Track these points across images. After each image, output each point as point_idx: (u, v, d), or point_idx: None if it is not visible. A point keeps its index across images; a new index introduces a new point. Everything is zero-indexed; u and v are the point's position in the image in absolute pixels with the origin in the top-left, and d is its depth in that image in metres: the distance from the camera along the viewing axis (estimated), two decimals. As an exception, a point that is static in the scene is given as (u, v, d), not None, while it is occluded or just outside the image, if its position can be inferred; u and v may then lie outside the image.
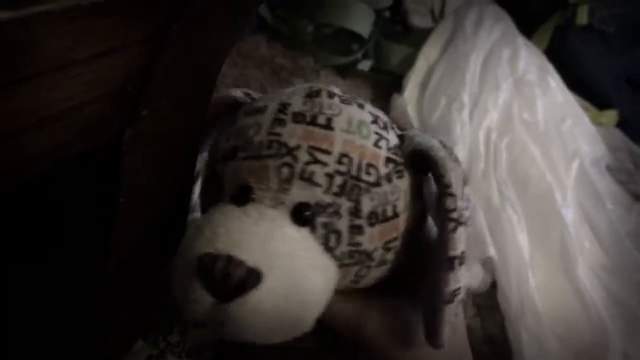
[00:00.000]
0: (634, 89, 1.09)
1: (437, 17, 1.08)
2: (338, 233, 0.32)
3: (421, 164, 0.33)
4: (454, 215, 0.32)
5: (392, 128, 0.35)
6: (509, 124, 0.86)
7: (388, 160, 0.33)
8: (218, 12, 0.27)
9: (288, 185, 0.31)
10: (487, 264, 0.74)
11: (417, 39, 1.01)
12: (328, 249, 0.32)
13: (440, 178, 0.32)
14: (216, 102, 0.37)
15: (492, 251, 0.72)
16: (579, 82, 1.02)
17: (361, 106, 0.34)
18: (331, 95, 0.34)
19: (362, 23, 0.96)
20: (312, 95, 0.34)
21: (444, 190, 0.32)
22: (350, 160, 0.31)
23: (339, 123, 0.32)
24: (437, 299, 0.32)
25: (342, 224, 0.31)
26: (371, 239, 0.32)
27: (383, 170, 0.32)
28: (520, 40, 0.98)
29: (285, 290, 0.29)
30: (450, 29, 0.99)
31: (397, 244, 0.33)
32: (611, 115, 1.04)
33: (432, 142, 0.33)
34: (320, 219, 0.31)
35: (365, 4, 0.96)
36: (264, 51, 0.96)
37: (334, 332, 0.37)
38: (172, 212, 0.38)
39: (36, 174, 0.24)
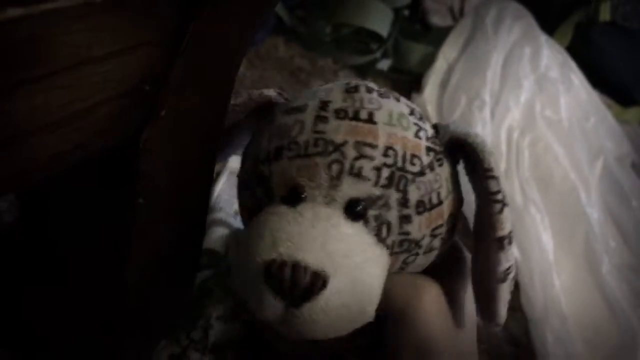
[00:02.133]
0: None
1: (457, 16, 1.07)
2: (388, 224, 0.32)
3: (457, 152, 0.35)
4: (499, 196, 0.33)
5: (427, 120, 0.36)
6: (532, 122, 0.84)
7: (428, 149, 0.34)
8: (236, 11, 0.26)
9: (338, 181, 0.32)
10: (510, 264, 0.73)
11: (436, 37, 1.01)
12: (380, 239, 0.33)
13: (481, 162, 0.33)
14: (249, 101, 0.38)
15: (515, 251, 0.71)
16: (602, 79, 1.00)
17: (397, 99, 0.36)
18: (369, 90, 0.35)
19: (380, 22, 0.96)
20: (351, 91, 0.35)
21: (486, 173, 0.33)
22: (395, 152, 0.32)
23: (380, 117, 0.33)
24: (490, 280, 0.33)
25: (392, 215, 0.32)
26: (419, 227, 0.33)
27: (425, 159, 0.33)
28: (542, 37, 0.97)
29: (349, 287, 0.31)
30: (470, 28, 0.98)
31: (442, 230, 0.34)
32: (635, 112, 1.02)
33: (468, 130, 0.34)
34: (372, 212, 0.32)
35: (384, 3, 0.95)
36: (282, 53, 0.97)
37: (361, 333, 0.37)
38: (191, 213, 0.38)
39: (54, 175, 0.24)
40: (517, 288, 0.72)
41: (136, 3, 0.20)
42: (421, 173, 0.33)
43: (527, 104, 0.86)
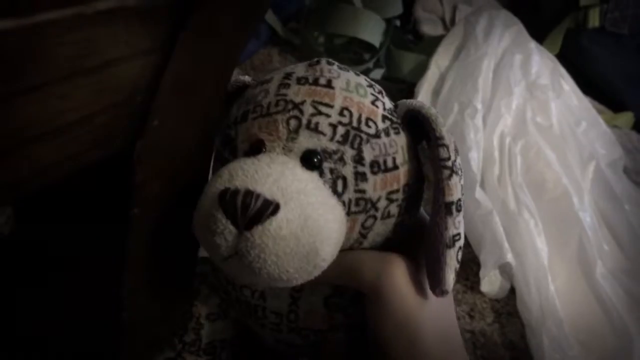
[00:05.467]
0: (649, 90, 1.08)
1: (448, 25, 1.08)
2: (344, 179, 0.34)
3: (416, 130, 0.37)
4: (448, 163, 0.35)
5: (387, 97, 0.39)
6: (523, 129, 0.85)
7: (384, 117, 0.36)
8: (225, 20, 0.27)
9: (296, 135, 0.34)
10: (506, 269, 0.73)
11: (428, 46, 1.02)
12: (336, 193, 0.34)
13: (432, 132, 0.35)
14: (227, 86, 0.40)
15: (510, 257, 0.71)
16: (592, 85, 1.01)
17: (357, 74, 0.38)
18: (330, 63, 0.38)
19: (373, 32, 0.97)
20: (313, 64, 0.38)
21: (437, 141, 0.35)
22: (351, 113, 0.35)
23: (338, 83, 0.36)
24: (438, 244, 0.35)
25: (347, 170, 0.34)
26: (374, 187, 0.35)
27: (381, 125, 0.35)
28: (532, 45, 0.98)
29: (300, 220, 0.31)
30: (461, 36, 0.99)
31: (398, 196, 0.36)
32: (626, 117, 1.03)
33: (423, 103, 0.36)
34: (327, 164, 0.34)
35: (376, 13, 0.96)
36: (276, 63, 0.97)
37: (345, 311, 0.39)
38: (187, 222, 0.38)
39: (49, 185, 0.24)
40: (513, 293, 0.73)
41: (126, 15, 0.20)
42: (376, 135, 0.35)
43: (518, 111, 0.87)
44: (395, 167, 0.35)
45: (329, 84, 0.36)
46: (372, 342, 0.37)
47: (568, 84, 0.94)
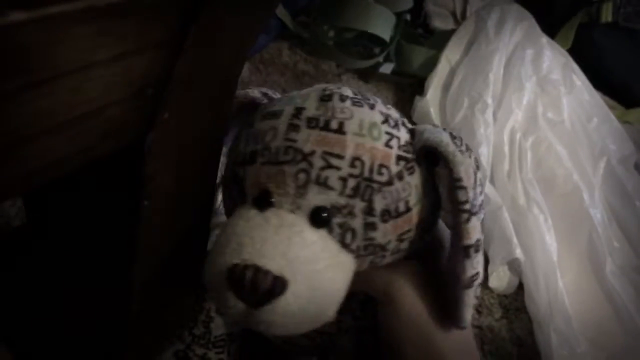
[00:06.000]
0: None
1: (459, 19, 1.08)
2: (353, 230, 0.33)
3: (433, 156, 0.35)
4: (466, 206, 0.33)
5: (404, 124, 0.37)
6: (534, 124, 0.85)
7: (399, 158, 0.34)
8: (236, 13, 0.27)
9: (304, 190, 0.33)
10: (514, 265, 0.73)
11: (438, 41, 1.01)
12: (344, 245, 0.34)
13: (450, 172, 0.34)
14: (234, 100, 0.39)
15: (518, 252, 0.71)
16: (604, 81, 1.00)
17: (372, 107, 0.36)
18: (343, 98, 0.35)
19: (383, 26, 0.96)
20: (325, 99, 0.35)
21: (455, 183, 0.33)
22: (362, 162, 0.33)
23: (350, 126, 0.34)
24: (456, 285, 0.34)
25: (357, 223, 0.33)
26: (385, 233, 0.34)
27: (394, 169, 0.34)
28: (544, 39, 0.97)
29: (308, 292, 0.32)
30: (472, 30, 0.98)
31: (410, 234, 0.35)
32: (638, 113, 1.02)
33: (441, 137, 0.34)
34: (336, 220, 0.33)
35: (386, 7, 0.96)
36: (286, 57, 0.97)
37: (354, 314, 0.39)
38: (196, 214, 0.38)
39: (60, 178, 0.24)
40: (521, 289, 0.73)
41: (137, 7, 0.20)
42: (388, 183, 0.33)
43: (529, 106, 0.87)
44: (408, 210, 0.34)
45: (340, 129, 0.34)
46: (385, 345, 0.37)
47: (580, 79, 0.94)
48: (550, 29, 1.03)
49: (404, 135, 0.36)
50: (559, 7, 1.09)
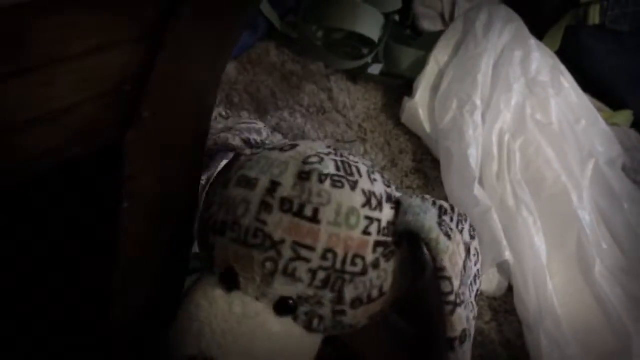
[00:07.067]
0: (648, 89, 1.07)
1: (447, 20, 1.07)
2: (320, 317, 0.33)
3: (416, 238, 0.33)
4: (451, 298, 0.32)
5: (389, 200, 0.35)
6: (523, 125, 0.85)
7: (377, 244, 0.33)
8: (218, 7, 0.26)
9: (271, 279, 0.32)
10: (503, 267, 0.73)
11: (427, 42, 1.01)
12: (311, 330, 0.33)
13: (433, 261, 0.32)
14: (214, 146, 0.38)
15: (508, 254, 0.71)
16: (592, 83, 1.01)
17: (354, 186, 0.33)
18: (322, 178, 0.33)
19: (371, 27, 0.96)
20: (303, 177, 0.33)
21: (438, 273, 0.32)
22: (335, 255, 0.32)
23: (325, 215, 0.32)
24: None
25: (325, 311, 0.33)
26: (354, 317, 0.33)
27: (370, 257, 0.33)
28: (532, 41, 0.97)
29: None
30: (460, 32, 0.98)
31: (383, 314, 0.34)
32: (626, 116, 1.02)
33: (424, 222, 0.32)
34: (303, 309, 0.32)
35: (375, 8, 0.95)
36: (274, 57, 0.96)
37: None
38: (179, 216, 0.37)
39: (33, 177, 0.23)
40: (510, 291, 0.72)
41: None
42: (362, 273, 0.32)
43: (517, 107, 0.87)
44: (382, 295, 0.33)
45: (314, 217, 0.32)
46: None
47: (568, 81, 0.94)
48: (539, 31, 1.03)
49: (386, 215, 0.34)
50: (547, 9, 1.10)
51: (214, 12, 0.26)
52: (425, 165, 0.87)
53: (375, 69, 1.01)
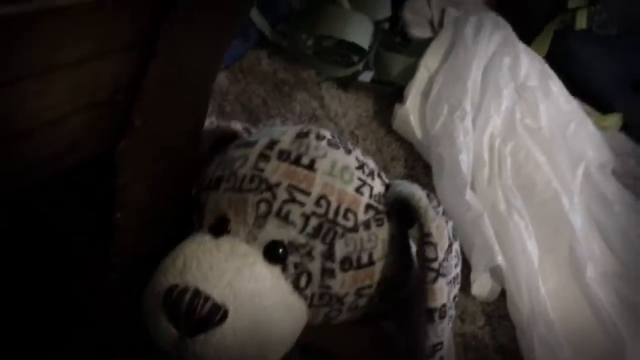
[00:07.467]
0: (636, 92, 1.08)
1: (436, 28, 1.08)
2: (309, 274, 0.32)
3: (408, 216, 0.34)
4: (434, 265, 0.32)
5: (380, 177, 0.36)
6: (513, 130, 0.85)
7: (369, 207, 0.33)
8: (210, 10, 0.26)
9: (263, 221, 0.32)
10: (496, 272, 0.73)
11: (417, 49, 1.01)
12: (298, 288, 0.32)
13: (420, 226, 0.32)
14: (216, 129, 0.38)
15: (500, 259, 0.71)
16: (580, 87, 1.01)
17: (349, 151, 0.35)
18: (320, 137, 0.34)
19: (361, 35, 0.96)
20: (301, 135, 0.34)
21: (424, 239, 0.32)
22: (329, 203, 0.32)
23: (322, 165, 0.33)
24: (417, 354, 0.33)
25: (314, 266, 0.32)
26: (342, 283, 0.32)
27: (362, 217, 0.33)
28: (521, 47, 0.98)
29: (249, 328, 0.30)
30: (450, 38, 0.98)
31: (370, 291, 0.34)
32: (614, 119, 1.03)
33: (415, 192, 0.33)
34: (293, 259, 0.32)
35: (364, 16, 0.96)
36: (265, 66, 0.97)
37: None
38: (173, 226, 0.37)
39: (26, 187, 0.23)
40: (503, 295, 0.72)
41: (103, 7, 0.19)
42: (353, 229, 0.32)
43: (507, 112, 0.87)
44: (371, 263, 0.33)
45: (310, 165, 0.32)
46: None
47: (556, 86, 0.95)
48: (527, 37, 1.04)
49: (377, 186, 0.34)
50: (534, 15, 1.11)
51: (206, 15, 0.26)
52: (417, 171, 0.88)
53: (366, 76, 1.01)
